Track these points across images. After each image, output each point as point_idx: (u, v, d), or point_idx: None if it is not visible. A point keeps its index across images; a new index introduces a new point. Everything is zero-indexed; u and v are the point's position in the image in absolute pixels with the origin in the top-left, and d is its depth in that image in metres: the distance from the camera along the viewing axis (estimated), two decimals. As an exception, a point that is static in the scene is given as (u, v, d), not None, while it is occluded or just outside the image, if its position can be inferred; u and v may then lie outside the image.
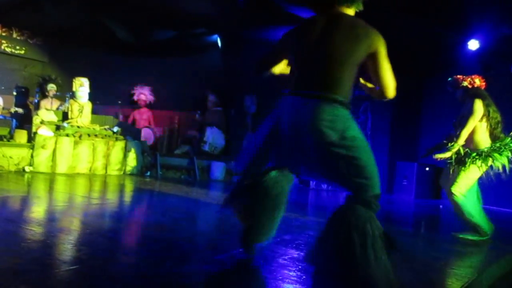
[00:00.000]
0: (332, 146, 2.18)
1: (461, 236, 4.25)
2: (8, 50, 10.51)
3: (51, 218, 3.73)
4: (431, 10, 6.61)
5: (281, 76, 2.68)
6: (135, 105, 11.38)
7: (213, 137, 10.60)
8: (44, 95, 9.66)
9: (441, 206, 7.53)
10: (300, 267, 2.71)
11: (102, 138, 8.39)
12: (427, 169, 8.62)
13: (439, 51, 7.97)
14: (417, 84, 9.34)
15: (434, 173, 8.60)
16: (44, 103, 9.41)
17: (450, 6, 6.42)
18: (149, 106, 11.41)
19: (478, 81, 4.54)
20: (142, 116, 11.26)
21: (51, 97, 9.55)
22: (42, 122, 8.06)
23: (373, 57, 2.31)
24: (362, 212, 2.18)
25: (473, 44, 7.25)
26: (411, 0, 6.56)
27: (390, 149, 9.12)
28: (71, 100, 8.69)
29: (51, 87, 9.58)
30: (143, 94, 11.32)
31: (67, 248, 2.79)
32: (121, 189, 6.59)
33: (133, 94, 11.37)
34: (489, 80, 5.51)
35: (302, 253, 3.06)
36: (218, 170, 9.46)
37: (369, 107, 9.28)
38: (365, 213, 2.19)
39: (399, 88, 2.41)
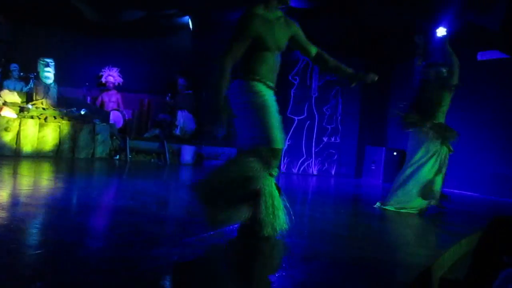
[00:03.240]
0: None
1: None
2: (-33, 27, 10.03)
3: (15, 202, 3.63)
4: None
5: None
6: (103, 87, 11.11)
7: (184, 121, 10.51)
8: (6, 75, 9.30)
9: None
10: (270, 249, 2.74)
11: (69, 120, 8.18)
12: (395, 153, 8.82)
13: (408, 38, 8.08)
14: (387, 70, 9.48)
15: (402, 157, 8.82)
16: (7, 84, 9.06)
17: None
18: (118, 88, 11.17)
19: None
20: (111, 98, 11.01)
21: (15, 78, 9.20)
22: (4, 104, 7.78)
23: None
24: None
25: (441, 32, 7.39)
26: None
27: (360, 134, 9.28)
28: (36, 81, 8.41)
29: (14, 67, 9.23)
30: (111, 76, 11.05)
31: (32, 232, 2.72)
32: (89, 173, 6.46)
33: (101, 76, 11.09)
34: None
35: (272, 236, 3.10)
36: (189, 154, 9.40)
37: (340, 92, 9.37)
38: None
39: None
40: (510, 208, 6.56)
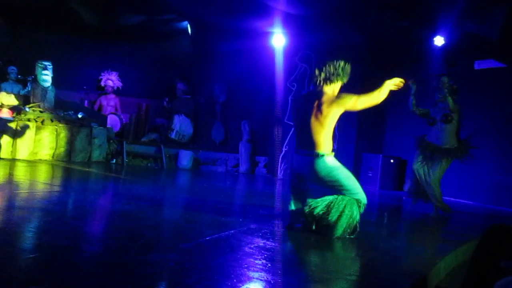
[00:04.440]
0: (323, 179, 3.53)
1: None
2: (-35, 29, 10.02)
3: (10, 206, 3.61)
4: (399, 6, 6.73)
5: None
6: (101, 90, 11.11)
7: (181, 125, 10.51)
8: (4, 77, 9.28)
9: (404, 198, 7.74)
10: (265, 255, 2.74)
11: (66, 124, 8.16)
12: (391, 161, 8.83)
13: (406, 46, 8.12)
14: (384, 78, 9.49)
15: (399, 165, 8.85)
16: (5, 86, 9.05)
17: (417, 2, 6.55)
18: (117, 92, 11.18)
19: None
20: (109, 102, 11.02)
21: (12, 80, 9.19)
22: (2, 106, 7.76)
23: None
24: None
25: (439, 41, 7.43)
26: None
27: (357, 141, 9.29)
28: (34, 84, 8.41)
29: (12, 70, 9.23)
30: (110, 80, 11.06)
31: (27, 236, 2.71)
32: (85, 177, 6.44)
33: (100, 80, 11.10)
34: (454, 76, 5.75)
35: (268, 242, 3.09)
36: (186, 158, 9.39)
37: (337, 99, 9.37)
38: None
39: (366, 82, 2.48)
40: (507, 216, 6.57)
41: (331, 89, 3.64)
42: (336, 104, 3.48)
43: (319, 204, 3.49)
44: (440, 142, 5.32)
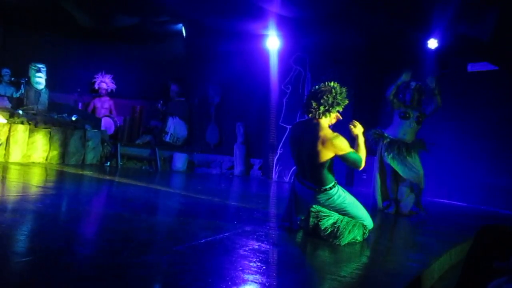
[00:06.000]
0: (327, 206, 3.52)
1: None
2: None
3: (2, 208, 3.58)
4: (393, 8, 6.77)
5: None
6: (95, 93, 11.08)
7: (175, 128, 10.49)
8: (-3, 80, 9.23)
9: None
10: (260, 258, 2.73)
11: (60, 126, 8.11)
12: (386, 163, 8.85)
13: (399, 48, 8.16)
14: (377, 80, 9.53)
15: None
16: (-3, 88, 9.00)
17: (411, 5, 6.58)
18: (111, 94, 11.14)
19: None
20: (103, 105, 10.98)
21: (5, 83, 9.14)
22: (-5, 108, 7.71)
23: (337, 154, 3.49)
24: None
25: (432, 43, 7.48)
26: (374, -1, 6.70)
27: (350, 143, 9.30)
28: (27, 86, 8.36)
29: (6, 72, 9.17)
30: (104, 82, 11.03)
31: (19, 239, 2.69)
32: (79, 179, 6.41)
33: (94, 82, 11.06)
34: (448, 78, 5.83)
35: (262, 244, 3.09)
36: (180, 161, 9.37)
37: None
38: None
39: (360, 84, 2.49)
40: (500, 217, 6.60)
41: (329, 119, 3.60)
42: (331, 146, 3.42)
43: (325, 219, 3.41)
44: (405, 137, 5.65)
